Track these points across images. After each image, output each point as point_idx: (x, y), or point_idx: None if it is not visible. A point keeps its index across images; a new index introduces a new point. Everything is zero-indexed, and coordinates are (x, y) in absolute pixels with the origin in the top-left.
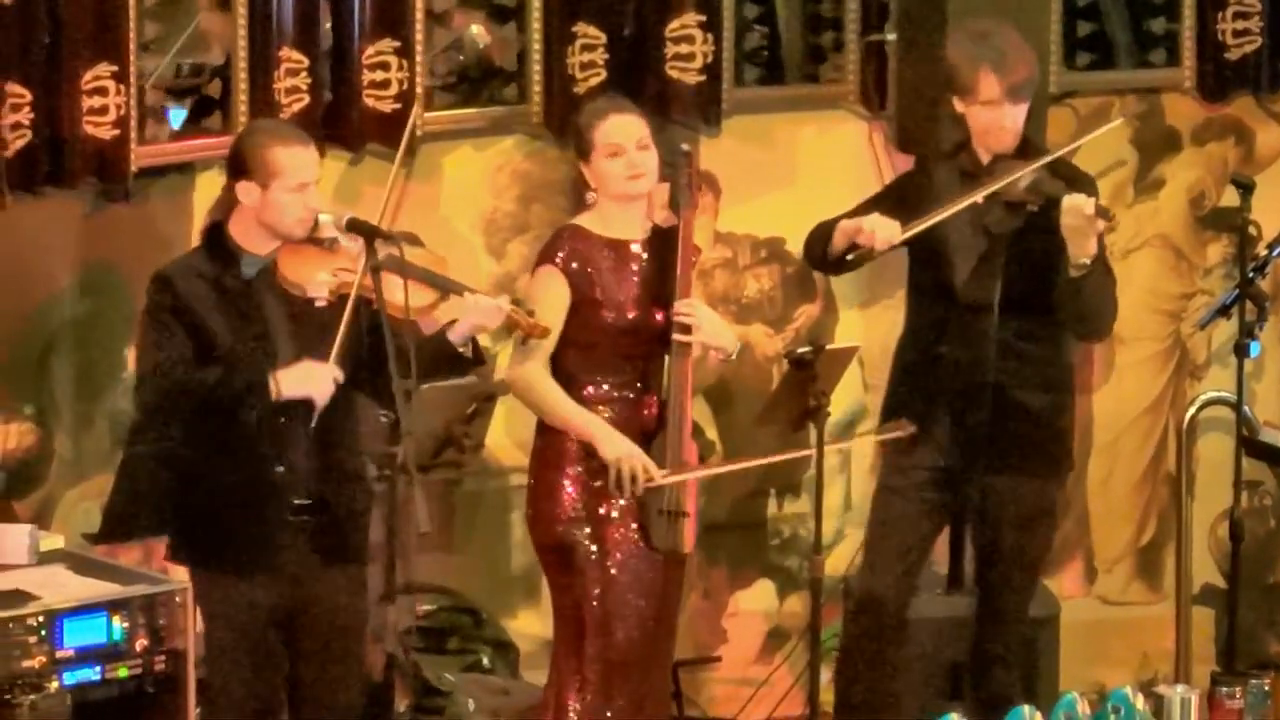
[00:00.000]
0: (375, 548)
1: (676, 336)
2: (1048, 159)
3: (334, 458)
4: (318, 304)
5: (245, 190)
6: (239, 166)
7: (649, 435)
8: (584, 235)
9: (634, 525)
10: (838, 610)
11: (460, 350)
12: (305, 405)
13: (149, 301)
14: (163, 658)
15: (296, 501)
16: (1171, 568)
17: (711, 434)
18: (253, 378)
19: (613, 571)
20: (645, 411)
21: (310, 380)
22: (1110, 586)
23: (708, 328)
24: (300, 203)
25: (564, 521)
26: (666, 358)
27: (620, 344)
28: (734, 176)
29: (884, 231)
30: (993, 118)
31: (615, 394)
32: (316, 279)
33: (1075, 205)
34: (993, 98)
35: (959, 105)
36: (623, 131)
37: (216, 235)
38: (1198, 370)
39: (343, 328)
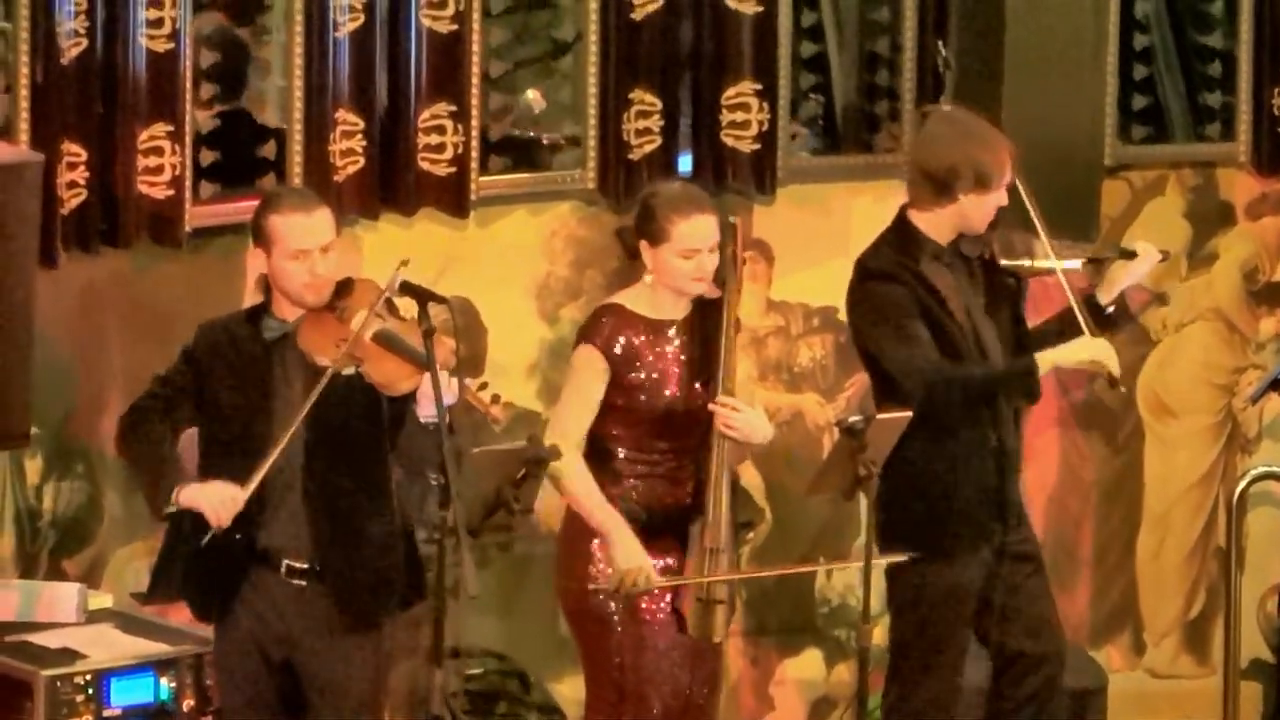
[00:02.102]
0: (424, 610)
1: (720, 428)
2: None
3: (337, 526)
4: (344, 373)
5: (254, 255)
6: (251, 233)
7: (682, 512)
8: (625, 315)
9: (666, 596)
10: (884, 679)
11: (425, 423)
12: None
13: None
14: (209, 718)
15: (288, 564)
16: (1220, 641)
17: (761, 501)
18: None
19: (646, 640)
20: (681, 488)
21: (205, 498)
22: (1158, 659)
23: (742, 426)
24: (303, 269)
25: (593, 586)
26: (709, 439)
27: (660, 422)
28: (788, 245)
29: (1109, 350)
30: (1000, 199)
31: (652, 470)
32: (321, 349)
33: (1152, 254)
34: (1009, 179)
35: (968, 196)
36: (703, 236)
37: (264, 297)
38: (1249, 444)
39: (314, 395)
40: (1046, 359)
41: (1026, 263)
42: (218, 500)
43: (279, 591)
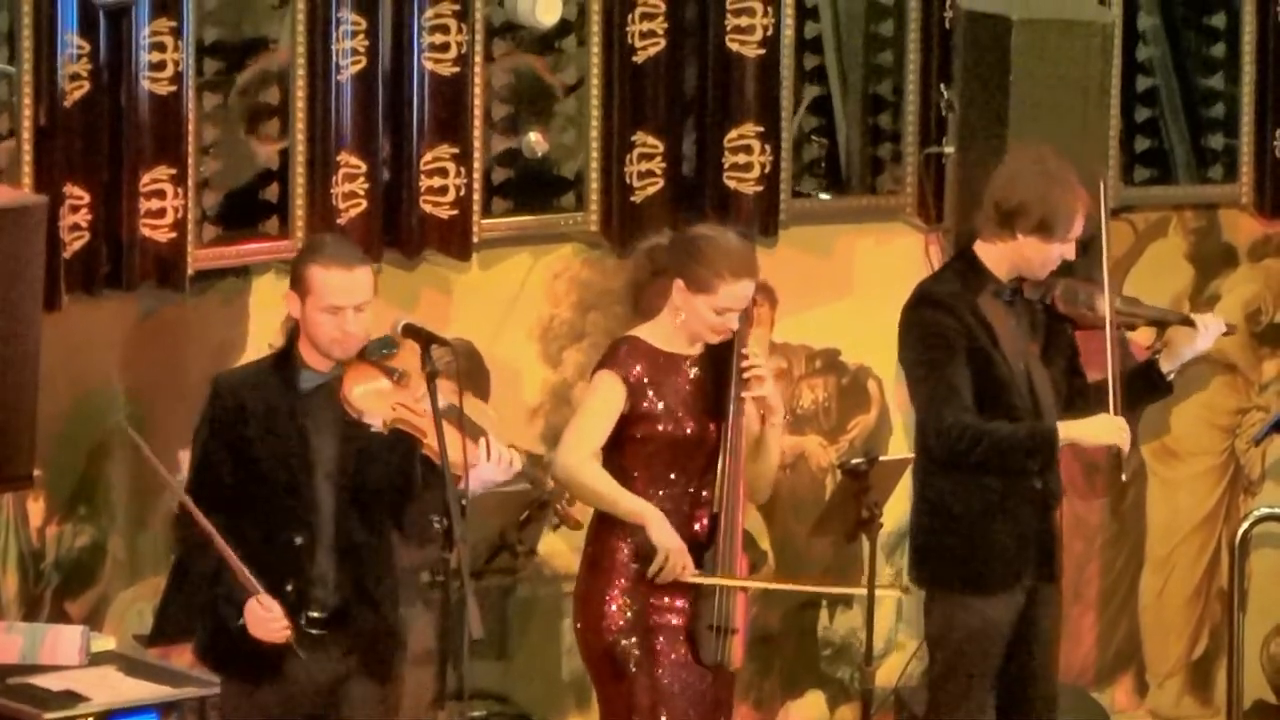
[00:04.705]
0: (427, 653)
1: (745, 393)
2: None
3: (359, 579)
4: (373, 429)
5: (290, 299)
6: (291, 276)
7: (699, 549)
8: (643, 347)
9: (683, 638)
10: None
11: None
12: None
13: (202, 408)
14: None
15: (312, 614)
16: (1223, 683)
17: (764, 544)
18: (228, 600)
19: (663, 682)
20: (696, 525)
21: (265, 627)
22: (1162, 700)
23: (768, 379)
24: (334, 324)
25: (613, 631)
26: (719, 469)
27: (675, 456)
28: (790, 287)
29: (1126, 434)
30: (1065, 250)
31: (667, 506)
32: (375, 408)
33: (1218, 327)
34: (1077, 232)
35: (1028, 238)
36: (743, 300)
37: (288, 344)
38: (1252, 486)
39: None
40: (1068, 432)
41: (1086, 313)
42: (264, 631)
43: (304, 642)
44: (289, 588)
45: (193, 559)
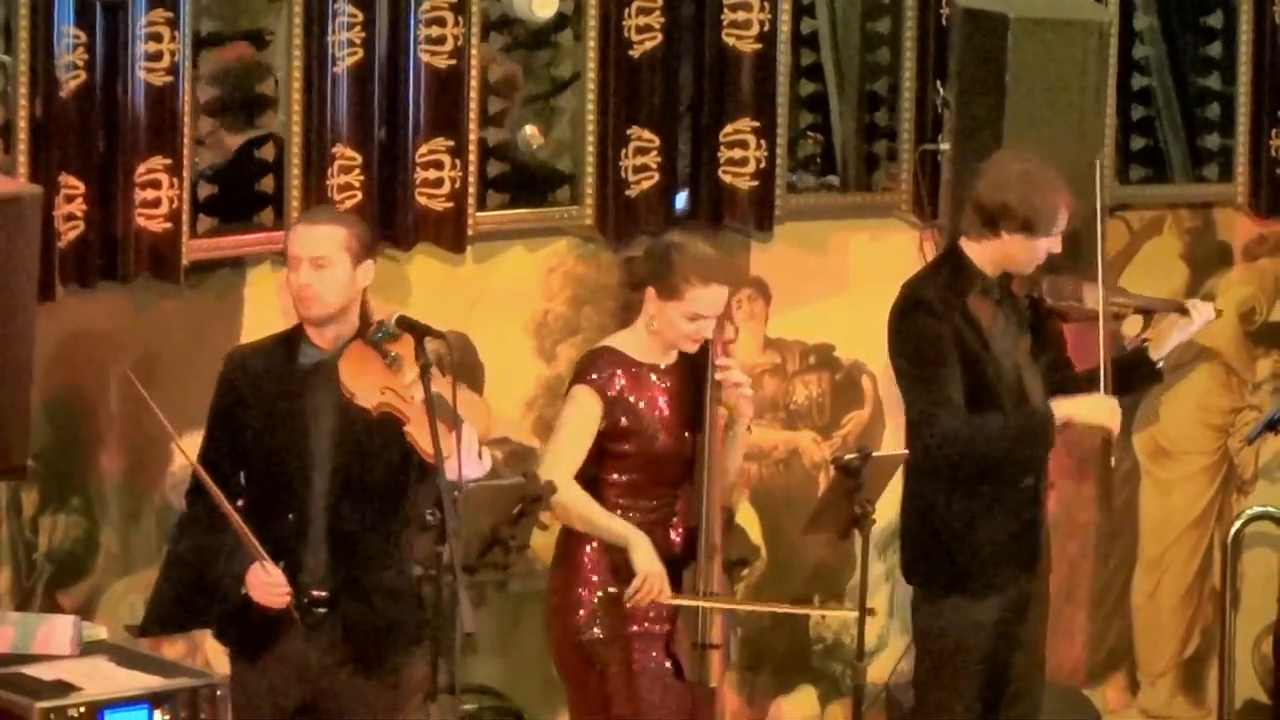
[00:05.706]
0: (420, 647)
1: (728, 394)
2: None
3: (352, 560)
4: (370, 411)
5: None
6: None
7: (676, 559)
8: (619, 358)
9: (660, 644)
10: (880, 718)
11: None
12: (306, 504)
13: (216, 382)
14: None
15: (315, 593)
16: (1215, 682)
17: (757, 539)
18: (231, 573)
19: (639, 691)
20: (674, 535)
21: (266, 591)
22: (1154, 699)
23: (744, 381)
24: (294, 278)
25: (585, 635)
26: (697, 482)
27: (653, 467)
28: (785, 282)
29: (1117, 416)
30: (1052, 244)
31: (643, 518)
32: (364, 390)
33: (1208, 312)
34: (1061, 227)
35: (1013, 236)
36: (714, 306)
37: (297, 324)
38: (1245, 485)
39: None
40: (1061, 409)
41: (1074, 306)
42: (266, 596)
43: (299, 626)
44: (281, 564)
45: (192, 538)
